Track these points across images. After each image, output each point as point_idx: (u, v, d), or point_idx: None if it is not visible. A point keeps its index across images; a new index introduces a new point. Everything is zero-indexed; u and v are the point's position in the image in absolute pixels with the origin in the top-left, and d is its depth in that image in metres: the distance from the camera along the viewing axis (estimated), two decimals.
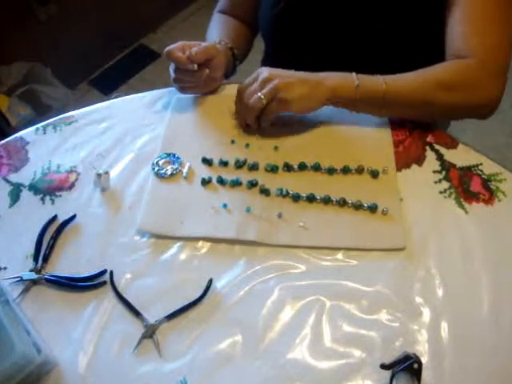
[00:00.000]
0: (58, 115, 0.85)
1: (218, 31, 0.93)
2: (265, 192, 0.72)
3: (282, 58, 0.94)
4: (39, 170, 0.77)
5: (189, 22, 2.22)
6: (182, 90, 0.84)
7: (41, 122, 0.84)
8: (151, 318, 0.61)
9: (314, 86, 0.73)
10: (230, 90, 0.88)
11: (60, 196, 0.74)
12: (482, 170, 0.74)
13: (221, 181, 0.73)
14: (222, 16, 0.98)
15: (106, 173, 0.73)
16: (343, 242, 0.67)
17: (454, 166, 0.75)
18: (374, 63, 0.82)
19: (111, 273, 0.64)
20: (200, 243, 0.68)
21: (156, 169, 0.75)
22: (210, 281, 0.63)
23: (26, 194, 0.74)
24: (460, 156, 0.76)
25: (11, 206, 0.73)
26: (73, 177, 0.75)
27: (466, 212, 0.70)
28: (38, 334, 0.59)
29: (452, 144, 0.77)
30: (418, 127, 0.79)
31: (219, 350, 0.59)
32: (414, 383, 0.55)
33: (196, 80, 0.80)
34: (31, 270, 0.65)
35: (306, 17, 0.85)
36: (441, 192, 0.72)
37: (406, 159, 0.75)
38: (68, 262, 0.66)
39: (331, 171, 0.74)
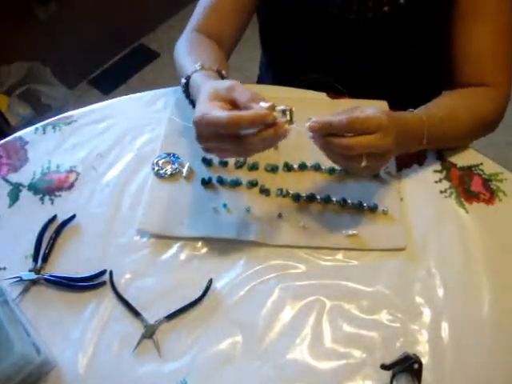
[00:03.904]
0: (57, 115, 0.84)
1: (199, 54, 0.76)
2: (265, 192, 0.71)
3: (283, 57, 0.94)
4: (39, 170, 0.76)
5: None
6: (223, 155, 0.64)
7: (40, 121, 0.84)
8: (151, 318, 0.61)
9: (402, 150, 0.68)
10: None
11: (59, 196, 0.73)
12: (482, 170, 0.74)
13: (221, 181, 0.73)
14: (199, 36, 0.83)
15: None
16: (343, 242, 0.66)
17: (454, 165, 0.75)
18: (380, 65, 0.83)
19: (111, 273, 0.64)
20: (200, 243, 0.67)
21: (156, 169, 0.74)
22: (210, 281, 0.63)
23: (25, 194, 0.74)
24: (460, 156, 0.76)
25: (10, 206, 0.73)
26: (72, 177, 0.75)
27: (467, 212, 0.69)
28: (38, 335, 0.58)
29: None
30: None
31: (219, 350, 0.59)
32: (414, 383, 0.55)
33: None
34: (31, 270, 0.65)
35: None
36: (441, 192, 0.72)
37: (407, 159, 0.75)
38: (68, 262, 0.66)
39: (331, 171, 0.73)
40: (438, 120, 0.69)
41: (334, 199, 0.70)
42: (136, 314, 0.61)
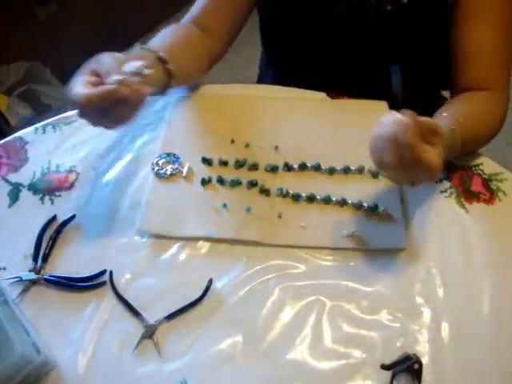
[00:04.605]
0: (57, 115, 0.84)
1: (164, 37, 0.78)
2: (265, 192, 0.71)
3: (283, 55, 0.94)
4: (38, 170, 0.76)
5: None
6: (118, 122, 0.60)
7: (40, 121, 0.84)
8: (151, 318, 0.61)
9: None
10: (230, 89, 0.87)
11: (59, 196, 0.73)
12: (482, 170, 0.74)
13: (221, 181, 0.73)
14: (188, 26, 0.84)
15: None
16: (343, 242, 0.66)
17: (454, 165, 0.75)
18: (380, 65, 0.83)
19: (111, 273, 0.64)
20: (200, 243, 0.67)
21: (156, 169, 0.74)
22: (210, 281, 0.63)
23: (25, 194, 0.74)
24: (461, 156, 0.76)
25: (10, 206, 0.73)
26: (72, 177, 0.75)
27: (467, 212, 0.69)
28: (38, 335, 0.58)
29: None
30: None
31: (219, 350, 0.59)
32: (414, 383, 0.55)
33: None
34: (30, 270, 0.64)
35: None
36: (441, 192, 0.72)
37: None
38: (67, 262, 0.66)
39: (331, 171, 0.73)
40: (462, 127, 0.67)
41: (334, 199, 0.70)
42: (136, 313, 0.61)
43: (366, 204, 0.69)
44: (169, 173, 0.74)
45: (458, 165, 0.75)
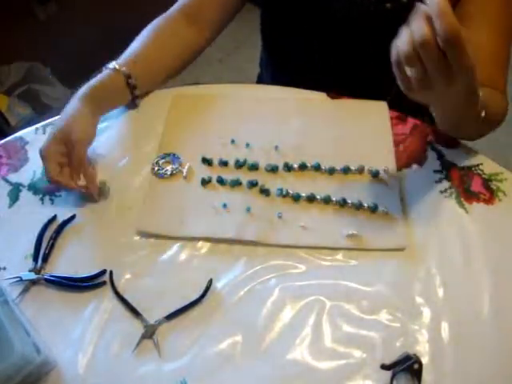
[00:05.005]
0: (57, 115, 0.84)
1: (144, 44, 0.88)
2: (265, 192, 0.71)
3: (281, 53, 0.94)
4: (39, 170, 0.76)
5: None
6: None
7: (40, 121, 0.84)
8: (151, 318, 0.61)
9: None
10: (230, 89, 0.87)
11: (59, 196, 0.73)
12: (482, 170, 0.74)
13: (221, 181, 0.73)
14: (166, 18, 0.93)
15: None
16: (343, 242, 0.66)
17: (454, 165, 0.75)
18: (380, 65, 0.83)
19: (111, 273, 0.64)
20: (200, 243, 0.67)
21: (156, 169, 0.74)
22: (210, 281, 0.63)
23: (25, 194, 0.74)
24: (460, 156, 0.76)
25: (10, 206, 0.73)
26: None
27: (467, 212, 0.69)
28: (38, 335, 0.58)
29: (452, 144, 0.77)
30: (418, 127, 0.79)
31: (219, 350, 0.59)
32: (414, 383, 0.55)
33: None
34: (31, 270, 0.65)
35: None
36: (441, 192, 0.72)
37: (407, 159, 0.75)
38: (68, 262, 0.66)
39: (331, 171, 0.73)
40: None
41: (334, 199, 0.70)
42: (136, 314, 0.61)
43: (366, 204, 0.69)
44: (169, 173, 0.74)
45: (457, 165, 0.75)
